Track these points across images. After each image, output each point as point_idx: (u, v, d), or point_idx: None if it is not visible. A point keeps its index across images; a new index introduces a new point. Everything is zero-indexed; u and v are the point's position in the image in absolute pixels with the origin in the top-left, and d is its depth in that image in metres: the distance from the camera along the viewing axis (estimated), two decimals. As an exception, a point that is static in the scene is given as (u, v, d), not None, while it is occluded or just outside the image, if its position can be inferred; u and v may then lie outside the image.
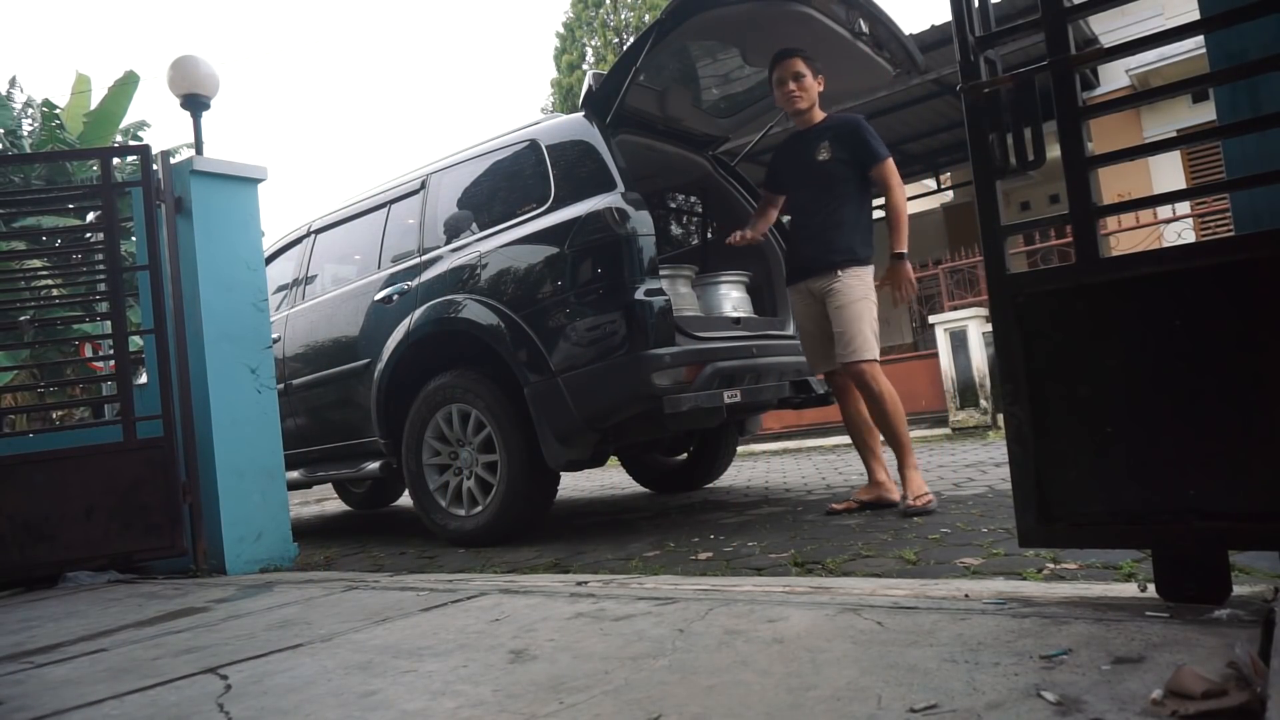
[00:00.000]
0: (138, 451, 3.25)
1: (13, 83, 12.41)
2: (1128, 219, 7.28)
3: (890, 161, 3.30)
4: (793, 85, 3.33)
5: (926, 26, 7.28)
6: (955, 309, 8.19)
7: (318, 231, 4.68)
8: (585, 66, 17.29)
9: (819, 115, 3.41)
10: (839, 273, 3.26)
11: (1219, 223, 8.39)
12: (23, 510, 3.16)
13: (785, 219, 3.99)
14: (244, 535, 3.28)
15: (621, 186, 3.22)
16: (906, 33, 3.67)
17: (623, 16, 17.43)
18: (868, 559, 2.40)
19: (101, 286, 3.99)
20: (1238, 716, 0.84)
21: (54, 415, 9.93)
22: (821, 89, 3.39)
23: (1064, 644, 1.11)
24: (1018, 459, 1.41)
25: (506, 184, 3.73)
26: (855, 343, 3.22)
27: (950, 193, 11.64)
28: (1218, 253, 1.28)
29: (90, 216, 10.27)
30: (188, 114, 4.41)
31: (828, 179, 3.31)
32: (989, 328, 7.59)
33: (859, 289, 3.25)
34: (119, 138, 12.03)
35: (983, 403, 7.72)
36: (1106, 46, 1.46)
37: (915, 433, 7.96)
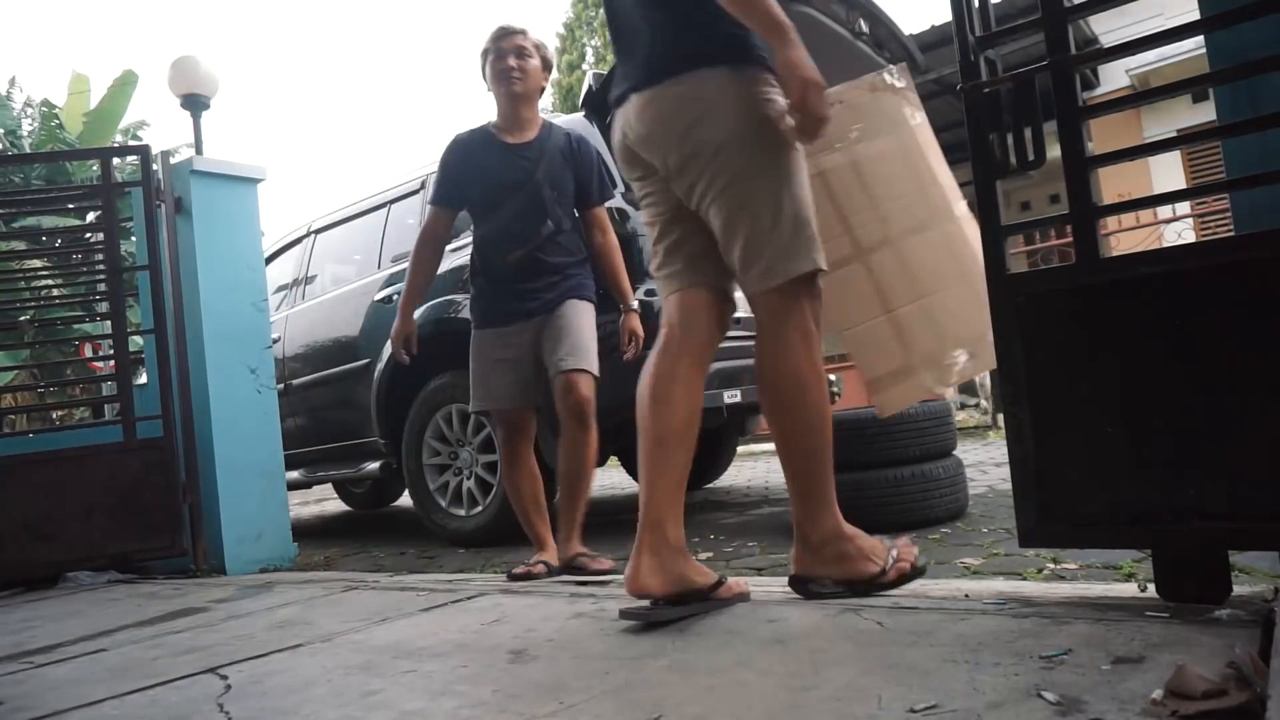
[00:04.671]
0: (138, 451, 3.25)
1: (13, 83, 12.41)
2: (1128, 219, 7.27)
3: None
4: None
5: (926, 26, 7.29)
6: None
7: (318, 231, 4.68)
8: (585, 66, 17.30)
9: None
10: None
11: (1219, 223, 8.39)
12: (23, 510, 3.16)
13: None
14: (244, 535, 3.27)
15: (621, 186, 3.22)
16: (906, 33, 3.68)
17: (623, 16, 17.41)
18: (868, 559, 2.39)
19: (101, 286, 3.99)
20: (1238, 716, 0.84)
21: (54, 415, 9.93)
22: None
23: (1064, 644, 1.11)
24: (1018, 459, 1.41)
25: (506, 184, 3.73)
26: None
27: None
28: (1218, 253, 1.28)
29: (90, 216, 10.27)
30: (188, 114, 4.41)
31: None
32: (989, 328, 7.57)
33: None
34: (119, 137, 12.02)
35: (983, 403, 7.72)
36: (1106, 46, 1.46)
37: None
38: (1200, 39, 1.43)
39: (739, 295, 1.69)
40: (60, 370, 9.38)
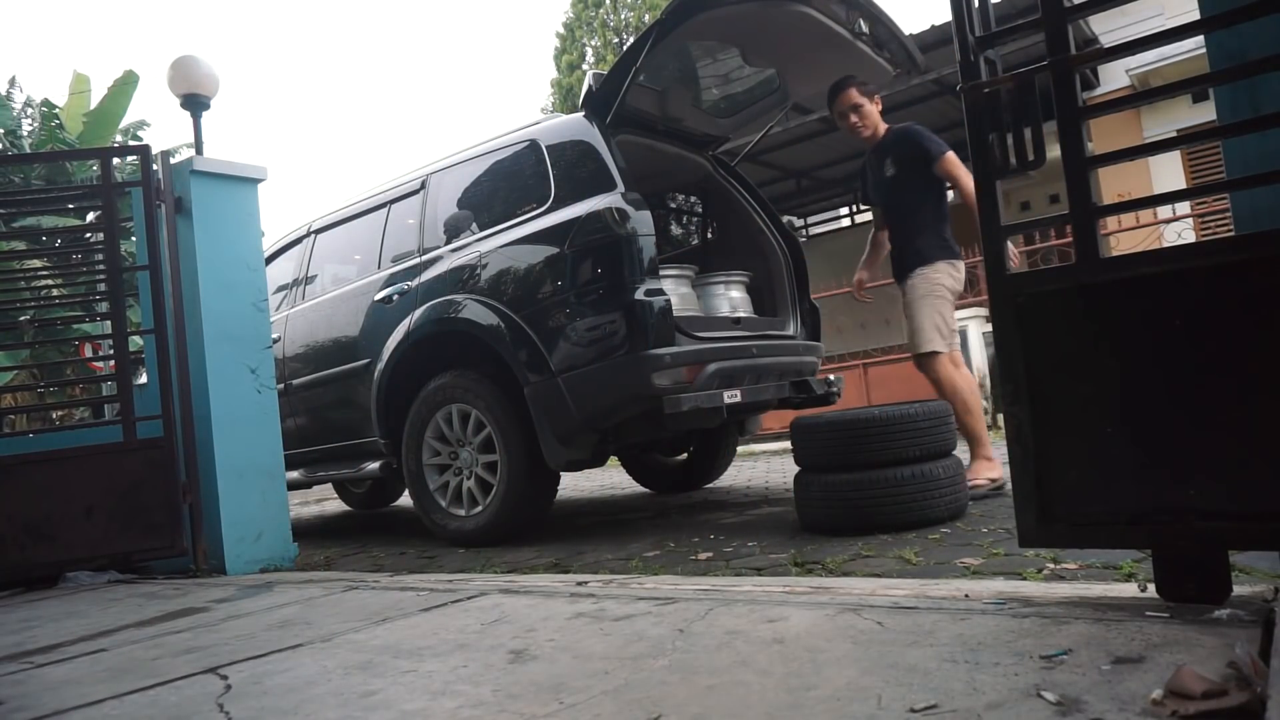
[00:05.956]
0: (138, 451, 3.24)
1: (12, 83, 12.42)
2: (1128, 219, 7.28)
3: (948, 155, 3.46)
4: (854, 118, 3.57)
5: (926, 26, 7.28)
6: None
7: (318, 231, 4.68)
8: (585, 66, 17.30)
9: (881, 130, 3.64)
10: (908, 277, 3.54)
11: (1219, 223, 8.39)
12: (23, 510, 3.16)
13: (787, 219, 4.05)
14: (244, 535, 3.27)
15: (621, 186, 3.22)
16: (906, 33, 3.68)
17: (623, 16, 17.44)
18: (868, 559, 2.40)
19: (101, 286, 3.99)
20: (1238, 716, 0.84)
21: (54, 415, 9.93)
22: (879, 107, 3.64)
23: (1064, 644, 1.11)
24: (1018, 459, 1.41)
25: (506, 184, 3.73)
26: (915, 337, 3.51)
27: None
28: (1218, 253, 1.28)
29: (90, 216, 10.28)
30: (188, 114, 4.41)
31: (898, 190, 3.59)
32: (989, 328, 7.59)
33: (922, 288, 3.50)
34: (119, 137, 12.03)
35: (983, 403, 7.72)
36: (1106, 46, 1.46)
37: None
38: (1200, 39, 1.43)
39: (742, 295, 1.71)
40: (60, 370, 9.38)
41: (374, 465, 3.97)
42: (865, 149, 3.79)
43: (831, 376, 3.94)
